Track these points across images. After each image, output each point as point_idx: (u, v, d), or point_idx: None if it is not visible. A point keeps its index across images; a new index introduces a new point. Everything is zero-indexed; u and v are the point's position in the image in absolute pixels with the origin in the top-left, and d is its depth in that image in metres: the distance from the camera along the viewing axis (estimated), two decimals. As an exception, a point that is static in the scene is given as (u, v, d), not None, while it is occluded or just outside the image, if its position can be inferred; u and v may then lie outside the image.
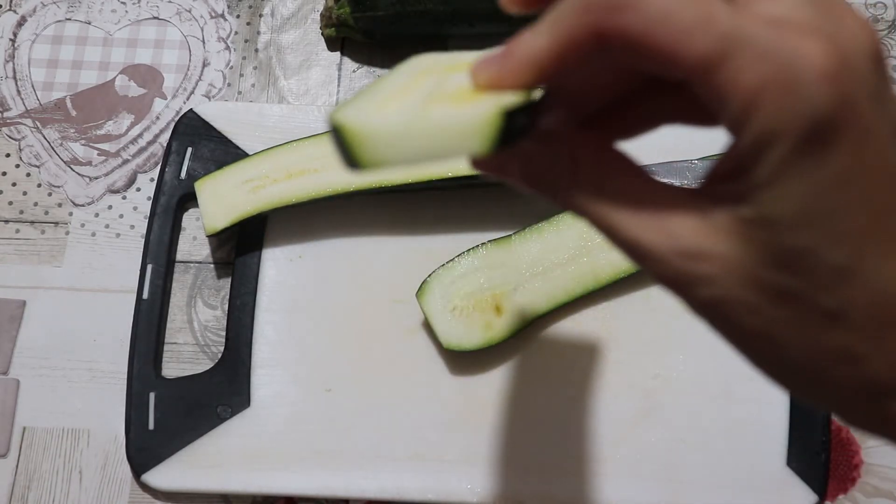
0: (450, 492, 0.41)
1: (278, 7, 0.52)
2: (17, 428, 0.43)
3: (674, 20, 0.17)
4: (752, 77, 0.17)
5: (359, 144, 0.18)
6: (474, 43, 0.50)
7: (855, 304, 0.18)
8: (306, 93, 0.50)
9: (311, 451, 0.41)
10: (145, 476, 0.41)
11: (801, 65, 0.17)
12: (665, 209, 0.19)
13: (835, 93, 0.17)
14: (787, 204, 0.18)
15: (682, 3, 0.17)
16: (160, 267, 0.44)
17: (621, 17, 0.18)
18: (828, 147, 0.17)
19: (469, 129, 0.18)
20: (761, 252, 0.18)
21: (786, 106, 0.17)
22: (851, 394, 0.20)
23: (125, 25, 0.51)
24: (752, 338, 0.20)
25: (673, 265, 0.19)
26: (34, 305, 0.45)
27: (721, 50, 0.17)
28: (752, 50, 0.17)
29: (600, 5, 0.18)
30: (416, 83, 0.22)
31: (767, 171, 0.18)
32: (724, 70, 0.17)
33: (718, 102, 0.18)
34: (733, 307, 0.19)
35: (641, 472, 0.41)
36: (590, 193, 0.20)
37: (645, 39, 0.18)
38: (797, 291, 0.18)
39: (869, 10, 0.50)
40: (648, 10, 0.17)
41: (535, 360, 0.43)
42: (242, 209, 0.43)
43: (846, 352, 0.19)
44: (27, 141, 0.49)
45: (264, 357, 0.43)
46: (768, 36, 0.17)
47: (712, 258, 0.19)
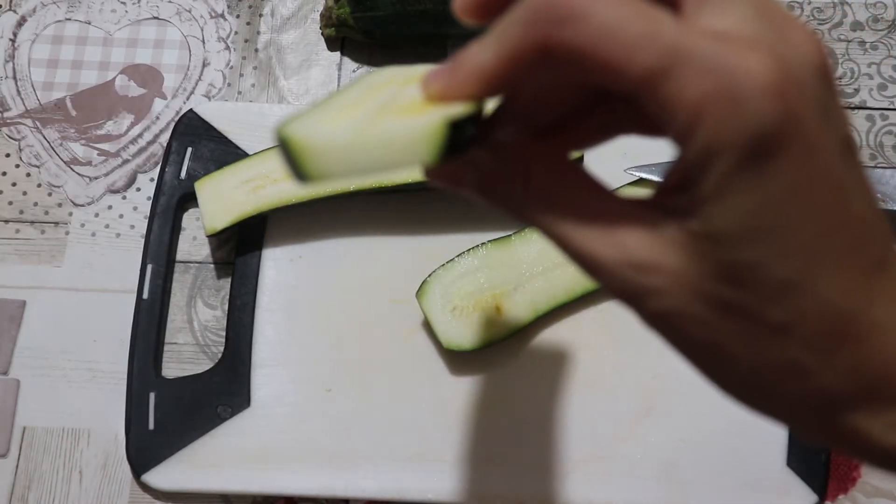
0: (450, 491, 0.41)
1: (278, 7, 0.52)
2: (17, 428, 0.43)
3: (618, 34, 0.17)
4: (696, 91, 0.17)
5: (304, 157, 0.18)
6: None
7: (802, 318, 0.18)
8: (306, 93, 0.50)
9: (312, 451, 0.41)
10: (145, 476, 0.41)
11: (744, 79, 0.17)
12: (616, 221, 0.19)
13: (778, 107, 0.17)
14: (732, 218, 0.17)
15: (627, 18, 0.17)
16: (160, 267, 0.44)
17: (565, 31, 0.17)
18: (772, 161, 0.17)
19: (415, 139, 0.18)
20: (709, 265, 0.18)
21: (729, 120, 0.17)
22: (802, 408, 0.20)
23: (125, 25, 0.51)
24: (702, 350, 0.20)
25: (623, 277, 0.19)
26: (34, 305, 0.45)
27: (665, 64, 0.17)
28: (696, 64, 0.17)
29: (544, 19, 0.18)
30: (370, 96, 0.22)
31: (712, 184, 0.17)
32: (668, 84, 0.17)
33: (663, 116, 0.18)
34: (683, 319, 0.19)
35: (642, 471, 0.41)
36: (542, 205, 0.21)
37: (589, 53, 0.17)
38: (745, 305, 0.18)
39: (869, 9, 0.50)
40: (592, 23, 0.17)
41: (535, 360, 0.43)
42: (242, 209, 0.43)
43: (795, 365, 0.19)
44: (27, 141, 0.49)
45: (264, 357, 0.43)
46: (712, 50, 0.17)
47: (662, 270, 0.19)
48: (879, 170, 0.44)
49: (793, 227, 0.18)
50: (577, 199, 0.20)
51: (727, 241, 0.18)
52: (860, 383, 0.19)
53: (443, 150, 0.18)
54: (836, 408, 0.19)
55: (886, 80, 0.49)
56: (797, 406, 0.20)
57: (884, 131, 0.48)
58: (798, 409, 0.20)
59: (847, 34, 0.50)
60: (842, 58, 0.50)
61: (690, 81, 0.17)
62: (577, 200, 0.20)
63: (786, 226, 0.17)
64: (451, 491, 0.41)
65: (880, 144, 0.48)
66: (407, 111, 0.19)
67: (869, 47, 0.50)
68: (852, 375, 0.19)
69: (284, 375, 0.43)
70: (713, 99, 0.17)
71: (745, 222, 0.17)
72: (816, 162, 0.17)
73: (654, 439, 0.42)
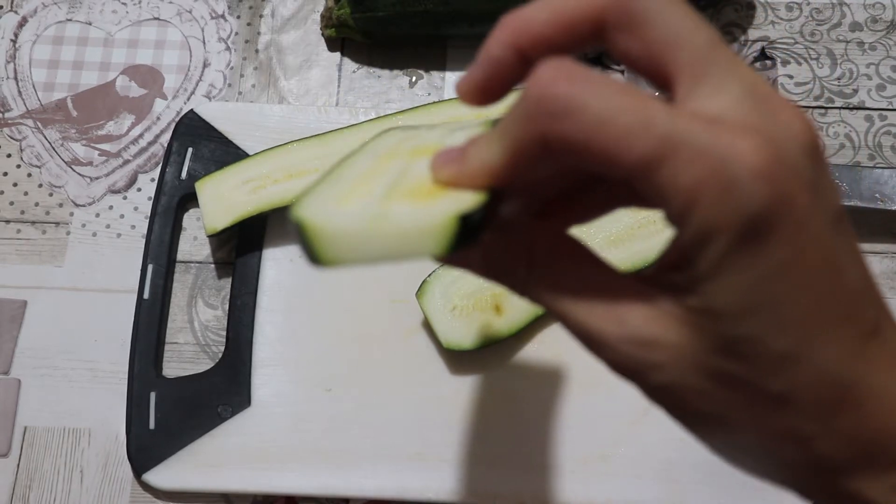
0: (449, 491, 0.41)
1: (278, 8, 0.52)
2: (18, 427, 0.43)
3: (611, 126, 0.18)
4: (689, 177, 0.17)
5: (320, 244, 0.18)
6: (474, 43, 0.51)
7: (800, 388, 0.19)
8: (306, 93, 0.50)
9: (312, 451, 0.41)
10: (146, 475, 0.41)
11: (735, 164, 0.17)
12: (617, 298, 0.20)
13: (769, 190, 0.17)
14: (729, 296, 0.18)
15: (620, 109, 0.18)
16: (161, 267, 0.44)
17: (562, 125, 0.18)
18: (764, 241, 0.18)
19: (426, 233, 0.18)
20: (708, 340, 0.19)
21: (722, 204, 0.17)
22: (804, 473, 0.20)
23: (126, 26, 0.51)
24: (704, 420, 0.21)
25: (626, 353, 0.20)
26: (35, 305, 0.45)
27: (659, 152, 0.17)
28: (689, 150, 0.17)
29: (542, 113, 0.18)
30: (380, 168, 0.22)
31: (708, 264, 0.18)
32: (661, 171, 0.17)
33: (659, 201, 0.18)
34: (685, 392, 0.20)
35: (641, 471, 0.41)
36: (544, 284, 0.21)
37: (585, 145, 0.18)
38: (745, 377, 0.19)
39: (867, 10, 0.51)
40: (586, 116, 0.18)
41: (534, 360, 0.43)
42: (243, 209, 0.44)
43: (795, 433, 0.19)
44: (28, 141, 0.49)
45: (265, 357, 0.43)
46: (704, 136, 0.17)
47: (662, 346, 0.19)
48: (878, 170, 0.44)
49: (787, 302, 0.18)
50: (578, 276, 0.21)
51: (725, 317, 0.18)
52: (859, 449, 0.19)
53: (453, 244, 0.18)
54: (837, 473, 0.20)
55: (885, 81, 0.49)
56: (799, 472, 0.20)
57: (882, 132, 0.48)
58: (800, 474, 0.20)
59: (846, 35, 0.50)
60: (840, 58, 0.50)
61: (683, 168, 0.17)
62: (579, 278, 0.21)
63: (780, 301, 0.18)
64: (450, 490, 0.41)
65: (879, 145, 0.48)
66: (417, 195, 0.20)
67: (868, 48, 0.50)
68: (851, 441, 0.19)
69: (285, 375, 0.43)
70: (706, 184, 0.17)
71: (741, 299, 0.18)
72: (807, 237, 0.18)
73: (653, 439, 0.42)
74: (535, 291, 0.21)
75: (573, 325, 0.21)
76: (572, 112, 0.18)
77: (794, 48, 0.50)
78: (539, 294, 0.21)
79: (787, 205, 0.17)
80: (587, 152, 0.18)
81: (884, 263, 0.44)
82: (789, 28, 0.50)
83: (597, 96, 0.18)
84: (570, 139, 0.18)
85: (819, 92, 0.49)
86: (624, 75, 0.49)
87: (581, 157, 0.18)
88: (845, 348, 0.19)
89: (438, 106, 0.46)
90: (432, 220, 0.18)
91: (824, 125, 0.48)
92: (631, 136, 0.17)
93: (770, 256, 0.18)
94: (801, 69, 0.50)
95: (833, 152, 0.48)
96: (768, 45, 0.50)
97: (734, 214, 0.17)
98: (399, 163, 0.23)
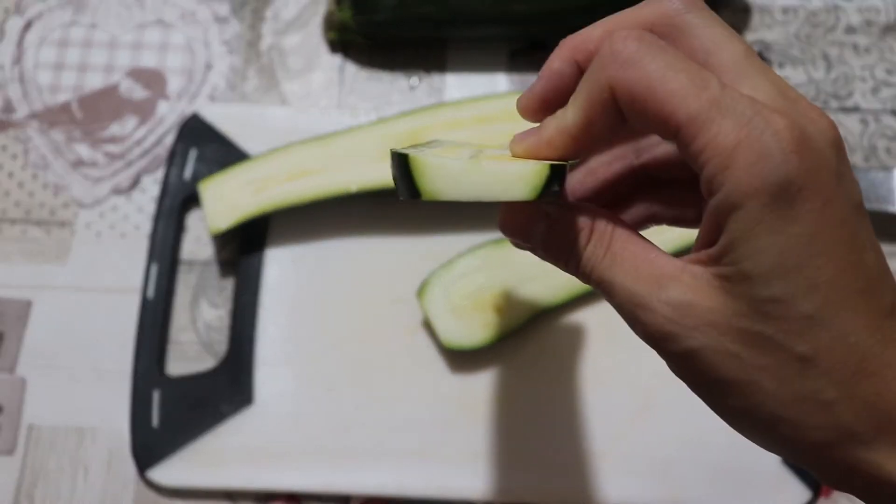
0: (450, 488, 0.41)
1: (281, 11, 0.52)
2: (23, 426, 0.43)
3: (671, 81, 0.20)
4: (730, 139, 0.20)
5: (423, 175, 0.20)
6: (474, 46, 0.51)
7: (823, 350, 0.20)
8: (308, 95, 0.50)
9: (314, 448, 0.42)
10: (150, 473, 0.41)
11: (771, 135, 0.19)
12: (660, 268, 0.22)
13: (798, 163, 0.19)
14: (761, 258, 0.20)
15: (680, 69, 0.20)
16: (164, 267, 0.45)
17: (627, 73, 0.21)
18: (794, 207, 0.20)
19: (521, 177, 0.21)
20: (740, 303, 0.21)
21: (756, 168, 0.19)
22: (823, 441, 0.21)
23: (130, 29, 0.52)
24: (729, 387, 0.22)
25: (663, 315, 0.22)
26: (40, 305, 0.45)
27: (707, 112, 0.20)
28: (733, 116, 0.20)
29: (613, 63, 0.21)
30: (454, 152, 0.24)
31: (742, 227, 0.20)
32: (707, 130, 0.20)
33: (700, 160, 0.20)
34: (714, 356, 0.21)
35: (639, 468, 0.42)
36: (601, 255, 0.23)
37: (645, 95, 0.21)
38: (773, 337, 0.20)
39: (862, 13, 0.51)
40: (650, 68, 0.21)
41: (534, 359, 0.44)
42: (246, 210, 0.44)
43: (818, 396, 0.21)
44: (33, 143, 0.49)
45: (267, 355, 0.44)
46: (748, 108, 0.20)
47: (697, 309, 0.21)
48: (873, 172, 0.45)
49: (814, 267, 0.20)
50: (630, 251, 0.23)
51: (757, 279, 0.20)
52: (877, 418, 0.21)
53: (541, 190, 0.21)
54: (856, 443, 0.21)
55: (879, 84, 0.50)
56: (818, 442, 0.21)
57: (877, 134, 0.49)
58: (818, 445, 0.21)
59: (841, 38, 0.51)
60: (835, 61, 0.50)
61: (726, 131, 0.20)
62: (631, 253, 0.23)
63: (808, 265, 0.20)
64: (450, 488, 0.41)
65: (873, 147, 0.48)
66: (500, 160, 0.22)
67: (862, 51, 0.50)
68: (871, 409, 0.21)
69: (287, 374, 0.43)
70: (744, 148, 0.19)
71: (772, 261, 0.20)
72: (833, 212, 0.20)
73: (652, 437, 0.42)
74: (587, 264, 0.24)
75: (619, 291, 0.23)
76: (639, 62, 0.21)
77: (789, 51, 0.51)
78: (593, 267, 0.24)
79: (814, 179, 0.19)
80: (646, 103, 0.21)
81: (879, 264, 0.44)
82: (785, 31, 0.51)
83: (661, 55, 0.21)
84: (633, 88, 0.21)
85: (814, 94, 0.50)
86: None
87: (640, 109, 0.21)
88: (865, 320, 0.20)
89: (439, 108, 0.46)
90: (526, 167, 0.21)
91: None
92: (687, 93, 0.20)
93: (799, 222, 0.19)
94: (797, 72, 0.50)
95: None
96: (764, 47, 0.51)
97: (767, 179, 0.19)
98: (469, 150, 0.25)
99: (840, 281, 0.20)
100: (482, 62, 0.51)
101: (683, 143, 0.21)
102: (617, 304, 0.23)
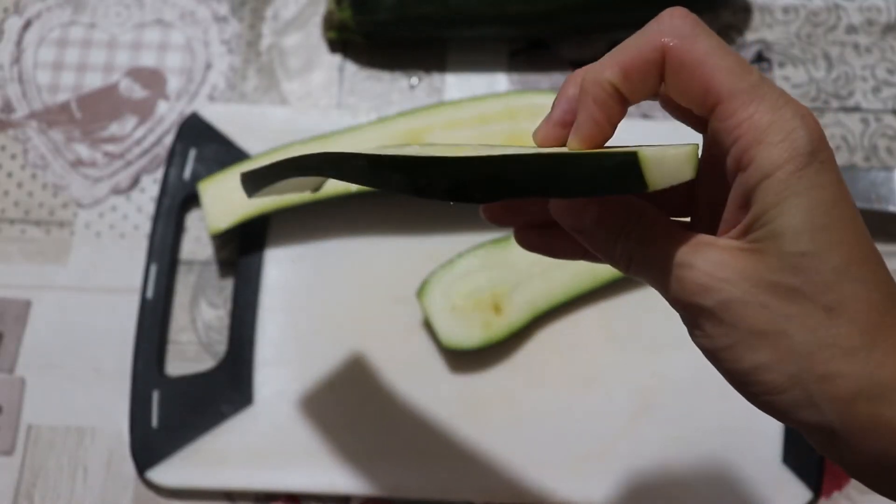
0: (449, 489, 0.41)
1: (280, 10, 0.52)
2: (22, 426, 0.43)
3: (721, 59, 0.23)
4: (765, 119, 0.23)
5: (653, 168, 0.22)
6: (474, 46, 0.51)
7: (848, 300, 0.22)
8: (308, 95, 0.50)
9: (313, 449, 0.42)
10: (149, 473, 0.41)
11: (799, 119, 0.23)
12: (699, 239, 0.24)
13: (820, 141, 0.23)
14: (790, 218, 0.22)
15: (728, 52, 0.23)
16: (164, 267, 0.45)
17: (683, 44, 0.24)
18: (819, 175, 0.22)
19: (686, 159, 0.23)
20: (771, 259, 0.23)
21: (786, 143, 0.22)
22: (847, 392, 0.22)
23: (129, 29, 0.52)
24: (759, 336, 0.23)
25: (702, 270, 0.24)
26: (39, 305, 0.45)
27: (749, 93, 0.23)
28: (769, 101, 0.23)
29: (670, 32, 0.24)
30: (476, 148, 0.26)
31: (773, 192, 0.22)
32: (745, 108, 0.23)
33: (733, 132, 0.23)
34: (745, 307, 0.23)
35: (639, 468, 0.42)
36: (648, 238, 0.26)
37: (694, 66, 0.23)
38: (801, 289, 0.22)
39: (863, 13, 0.51)
40: (704, 44, 0.23)
41: (534, 360, 0.44)
42: (245, 210, 0.44)
43: (843, 342, 0.22)
44: (33, 143, 0.49)
45: (267, 356, 0.44)
46: (779, 98, 0.23)
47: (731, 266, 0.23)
48: (874, 172, 0.45)
49: (838, 227, 0.22)
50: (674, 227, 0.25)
51: (787, 236, 0.22)
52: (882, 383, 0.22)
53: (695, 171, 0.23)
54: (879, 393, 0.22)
55: (880, 83, 0.50)
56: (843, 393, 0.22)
57: (878, 133, 0.49)
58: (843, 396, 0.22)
59: (842, 37, 0.51)
60: (836, 61, 0.50)
61: (762, 111, 0.23)
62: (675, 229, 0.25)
63: (833, 225, 0.22)
64: (449, 488, 0.41)
65: (874, 146, 0.48)
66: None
67: (863, 50, 0.50)
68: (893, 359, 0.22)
69: (286, 374, 0.43)
70: (776, 127, 0.22)
71: (802, 219, 0.22)
72: (844, 189, 0.23)
73: (652, 437, 0.42)
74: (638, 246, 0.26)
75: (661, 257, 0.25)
76: (696, 37, 0.23)
77: (790, 51, 0.51)
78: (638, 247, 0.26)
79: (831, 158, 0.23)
80: (694, 73, 0.23)
81: (879, 264, 0.44)
82: (786, 31, 0.51)
83: (714, 38, 0.23)
84: (686, 57, 0.23)
85: (815, 94, 0.50)
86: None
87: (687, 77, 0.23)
88: (880, 277, 0.23)
89: (439, 108, 0.46)
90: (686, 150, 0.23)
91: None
92: (734, 73, 0.23)
93: (824, 188, 0.22)
94: (798, 71, 0.50)
95: (829, 154, 0.48)
96: (765, 47, 0.51)
97: (796, 151, 0.22)
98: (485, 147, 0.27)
99: (857, 242, 0.23)
100: (482, 62, 0.51)
101: (721, 116, 0.23)
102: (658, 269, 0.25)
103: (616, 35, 0.51)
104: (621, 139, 0.27)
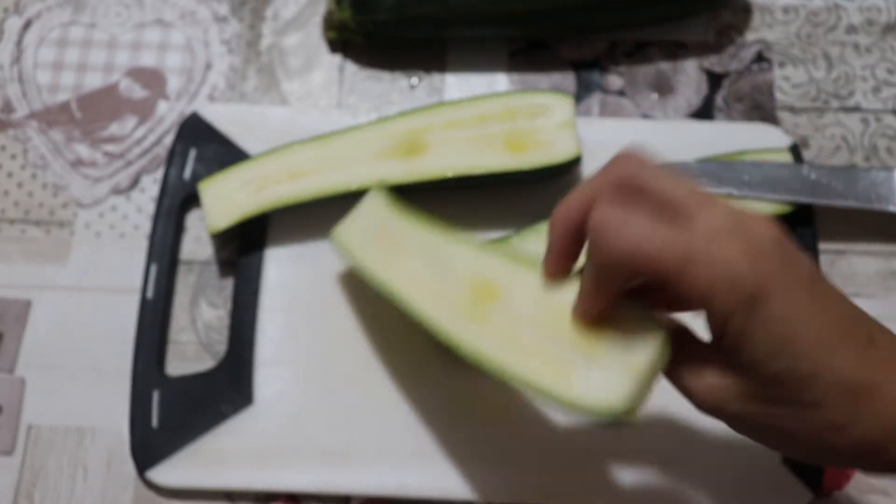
0: (450, 488, 0.41)
1: (280, 10, 0.52)
2: (22, 426, 0.43)
3: (647, 243, 0.26)
4: (704, 280, 0.26)
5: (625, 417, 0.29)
6: (474, 46, 0.51)
7: (827, 392, 0.27)
8: (308, 95, 0.50)
9: (314, 449, 0.42)
10: (149, 473, 0.41)
11: (731, 265, 0.26)
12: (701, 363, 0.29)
13: (756, 276, 0.26)
14: (757, 348, 0.26)
15: (652, 231, 0.27)
16: (164, 267, 0.45)
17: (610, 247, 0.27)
18: (764, 307, 0.26)
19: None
20: (755, 379, 0.28)
21: (730, 293, 0.26)
22: (851, 452, 0.28)
23: (129, 29, 0.52)
24: (765, 430, 0.29)
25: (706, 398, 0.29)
26: (39, 305, 0.45)
27: (681, 263, 0.26)
28: (700, 262, 0.26)
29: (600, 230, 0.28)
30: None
31: (735, 333, 0.27)
32: (686, 276, 0.26)
33: (688, 296, 0.27)
34: (748, 415, 0.29)
35: (639, 467, 0.42)
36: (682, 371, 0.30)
37: (634, 257, 0.27)
38: (786, 396, 0.27)
39: (863, 13, 0.51)
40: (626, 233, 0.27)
41: (534, 359, 0.44)
42: (245, 210, 0.44)
43: (833, 424, 0.27)
44: (33, 143, 0.49)
45: (267, 355, 0.44)
46: (708, 249, 0.26)
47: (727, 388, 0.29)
48: (874, 172, 0.45)
49: (795, 339, 0.26)
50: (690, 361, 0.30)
51: (760, 363, 0.27)
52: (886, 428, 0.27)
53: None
54: (878, 448, 0.27)
55: (880, 83, 0.50)
56: (846, 452, 0.28)
57: (878, 134, 0.49)
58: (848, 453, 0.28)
59: (842, 38, 0.51)
60: (836, 61, 0.50)
61: (699, 273, 0.26)
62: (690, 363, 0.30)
63: (791, 340, 0.26)
64: (450, 488, 0.41)
65: (874, 147, 0.48)
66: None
67: (863, 50, 0.50)
68: (878, 422, 0.27)
69: (287, 374, 0.43)
70: (716, 282, 0.26)
71: (766, 348, 0.26)
72: (795, 293, 0.26)
73: (652, 436, 0.42)
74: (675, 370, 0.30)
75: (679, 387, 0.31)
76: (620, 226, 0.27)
77: (790, 50, 0.51)
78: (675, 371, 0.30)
79: (771, 281, 0.26)
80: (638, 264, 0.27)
81: (879, 264, 0.44)
82: (785, 30, 0.51)
83: (636, 222, 0.27)
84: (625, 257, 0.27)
85: (815, 94, 0.50)
86: (623, 82, 0.50)
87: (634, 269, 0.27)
88: (851, 359, 0.27)
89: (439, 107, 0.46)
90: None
91: (820, 127, 0.49)
92: (661, 253, 0.26)
93: (773, 315, 0.26)
94: (798, 71, 0.50)
95: (829, 154, 0.48)
96: (765, 47, 0.51)
97: (739, 297, 0.26)
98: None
99: (820, 338, 0.26)
100: (482, 62, 0.51)
101: (673, 287, 0.27)
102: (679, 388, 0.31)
103: (616, 35, 0.51)
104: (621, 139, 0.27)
